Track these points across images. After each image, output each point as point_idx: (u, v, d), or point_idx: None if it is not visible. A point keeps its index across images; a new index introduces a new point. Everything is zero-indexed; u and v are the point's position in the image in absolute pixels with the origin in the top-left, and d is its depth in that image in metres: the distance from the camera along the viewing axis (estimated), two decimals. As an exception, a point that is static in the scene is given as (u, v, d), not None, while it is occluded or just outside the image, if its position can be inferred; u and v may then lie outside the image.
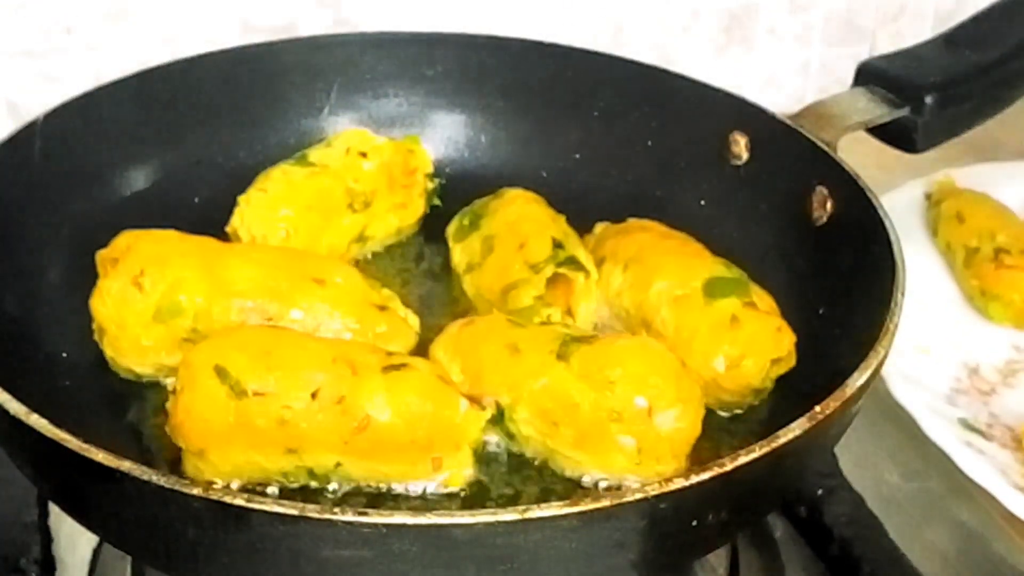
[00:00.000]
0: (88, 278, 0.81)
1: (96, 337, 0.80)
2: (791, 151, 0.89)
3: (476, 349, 0.78)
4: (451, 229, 0.92)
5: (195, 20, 1.13)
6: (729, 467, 0.61)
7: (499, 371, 0.76)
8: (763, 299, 0.82)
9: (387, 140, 0.95)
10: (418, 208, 0.96)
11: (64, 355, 0.81)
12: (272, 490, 0.73)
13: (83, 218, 0.86)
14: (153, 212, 0.90)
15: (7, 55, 1.10)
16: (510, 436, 0.76)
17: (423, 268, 0.93)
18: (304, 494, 0.72)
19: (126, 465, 0.59)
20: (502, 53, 1.00)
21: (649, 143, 0.98)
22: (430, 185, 0.97)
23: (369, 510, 0.58)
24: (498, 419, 0.75)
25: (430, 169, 0.97)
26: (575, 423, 0.74)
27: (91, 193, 0.89)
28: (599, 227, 0.91)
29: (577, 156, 1.01)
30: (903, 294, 0.75)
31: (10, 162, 0.83)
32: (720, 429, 0.80)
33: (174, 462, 0.74)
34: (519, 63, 1.01)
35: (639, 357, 0.75)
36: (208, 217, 0.90)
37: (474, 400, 0.75)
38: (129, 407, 0.79)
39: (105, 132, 0.90)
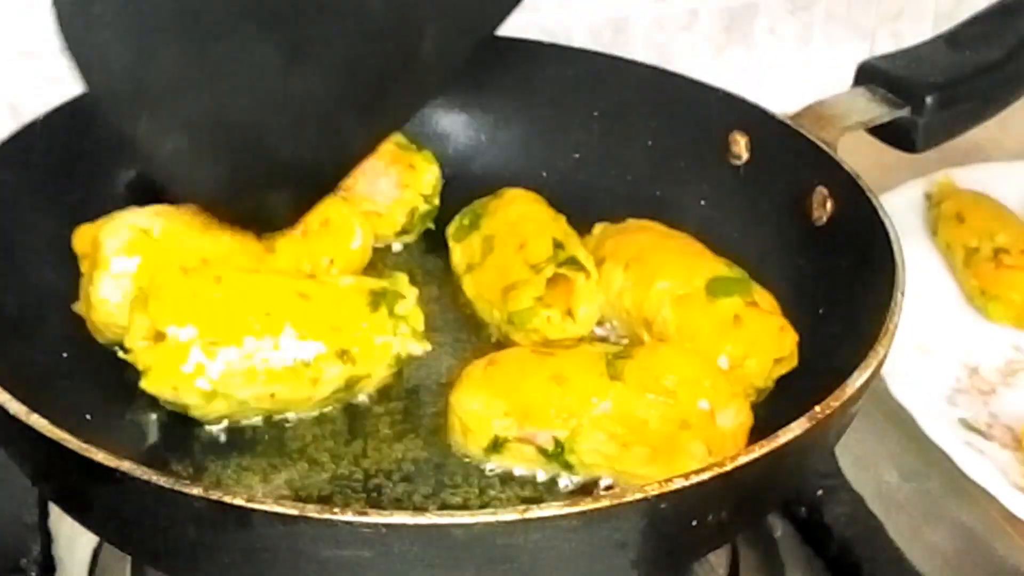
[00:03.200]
0: (88, 278, 0.81)
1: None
2: (791, 151, 0.89)
3: (517, 387, 0.75)
4: (451, 229, 0.92)
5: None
6: (729, 467, 0.61)
7: (550, 404, 0.74)
8: (765, 298, 0.82)
9: (394, 146, 0.95)
10: (395, 223, 0.94)
11: (64, 355, 0.81)
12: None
13: (83, 218, 0.86)
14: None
15: (7, 56, 1.09)
16: (568, 467, 0.74)
17: (423, 267, 0.93)
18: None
19: (126, 465, 0.60)
20: (502, 53, 1.00)
21: (649, 143, 0.98)
22: (424, 207, 0.94)
23: (369, 510, 0.58)
24: (558, 454, 0.74)
25: (427, 190, 0.94)
26: (646, 440, 0.73)
27: (91, 193, 0.89)
28: (598, 227, 0.91)
29: (577, 156, 1.01)
30: (903, 294, 0.75)
31: (10, 162, 0.83)
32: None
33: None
34: (519, 63, 1.01)
35: (686, 361, 0.75)
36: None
37: (527, 440, 0.73)
38: (130, 407, 0.79)
39: (105, 132, 0.90)
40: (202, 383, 0.74)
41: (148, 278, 0.78)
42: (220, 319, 0.75)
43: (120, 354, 0.76)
